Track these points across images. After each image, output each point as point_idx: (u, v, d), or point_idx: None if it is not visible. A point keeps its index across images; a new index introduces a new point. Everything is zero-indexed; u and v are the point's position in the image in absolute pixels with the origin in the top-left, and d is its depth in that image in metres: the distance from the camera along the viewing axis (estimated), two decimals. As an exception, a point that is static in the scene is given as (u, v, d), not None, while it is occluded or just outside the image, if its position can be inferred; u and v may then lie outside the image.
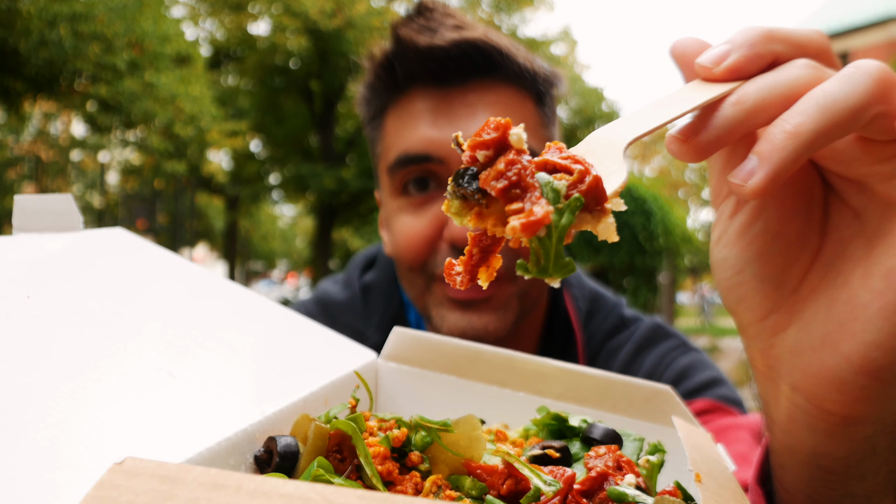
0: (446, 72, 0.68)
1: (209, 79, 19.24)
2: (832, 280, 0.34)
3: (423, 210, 0.71)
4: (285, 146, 23.91)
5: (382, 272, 0.90)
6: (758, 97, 0.30)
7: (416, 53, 0.67)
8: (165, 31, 13.42)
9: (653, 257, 11.47)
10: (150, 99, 13.02)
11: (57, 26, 11.39)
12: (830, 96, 0.27)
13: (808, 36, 0.33)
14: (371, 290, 0.89)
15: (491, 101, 0.69)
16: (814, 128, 0.27)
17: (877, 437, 0.34)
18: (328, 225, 22.64)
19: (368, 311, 0.86)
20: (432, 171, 0.70)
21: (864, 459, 0.35)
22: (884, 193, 0.31)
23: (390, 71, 0.71)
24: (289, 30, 18.87)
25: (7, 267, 0.31)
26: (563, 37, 25.08)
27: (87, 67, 11.83)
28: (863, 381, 0.32)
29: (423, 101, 0.69)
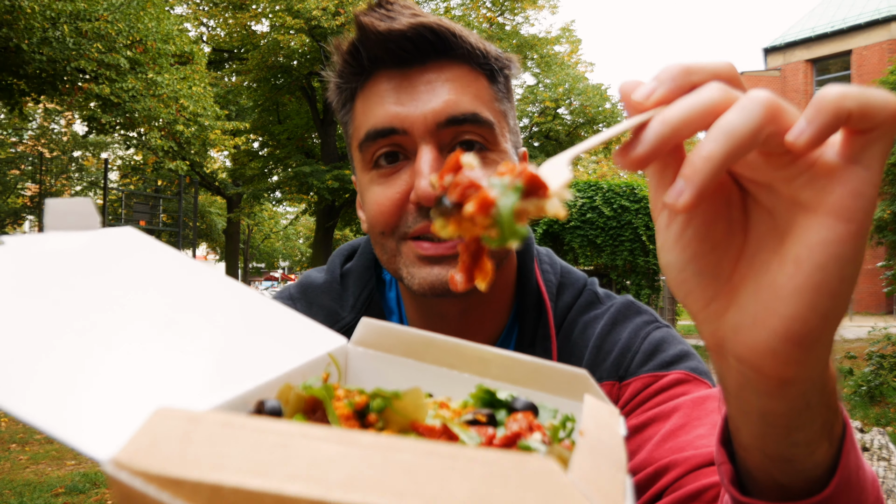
0: (406, 53, 0.75)
1: (211, 78, 19.27)
2: (756, 269, 0.42)
3: (391, 179, 0.78)
4: (287, 145, 23.93)
5: (361, 259, 0.97)
6: (678, 114, 0.38)
7: (378, 37, 0.74)
8: (167, 30, 13.43)
9: (655, 257, 11.45)
10: (151, 98, 13.03)
11: (59, 25, 11.40)
12: (732, 124, 0.36)
13: (718, 66, 0.41)
14: (349, 275, 0.96)
15: (448, 77, 0.76)
16: (723, 152, 0.36)
17: (809, 393, 0.43)
18: (330, 224, 22.66)
19: (345, 293, 0.94)
20: (398, 143, 0.76)
21: (801, 413, 0.44)
22: (787, 193, 0.40)
23: (357, 56, 0.78)
24: (291, 29, 18.89)
25: (46, 256, 0.40)
26: (565, 35, 25.04)
27: (89, 66, 11.84)
28: (789, 348, 0.40)
29: (387, 83, 0.77)
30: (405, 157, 0.78)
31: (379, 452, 0.28)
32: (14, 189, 28.56)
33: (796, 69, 29.65)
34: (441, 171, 0.42)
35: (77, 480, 4.85)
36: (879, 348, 7.99)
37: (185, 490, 0.27)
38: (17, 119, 18.75)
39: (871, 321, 13.34)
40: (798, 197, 0.39)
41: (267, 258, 49.27)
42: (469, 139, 0.78)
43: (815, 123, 0.35)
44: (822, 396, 0.44)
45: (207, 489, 0.27)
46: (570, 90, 22.01)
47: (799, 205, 0.39)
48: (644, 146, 0.39)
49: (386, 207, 0.78)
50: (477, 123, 0.78)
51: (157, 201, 20.74)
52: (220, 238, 35.30)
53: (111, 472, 0.28)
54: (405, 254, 0.78)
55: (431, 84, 0.76)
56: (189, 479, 0.27)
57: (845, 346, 12.96)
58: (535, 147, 23.45)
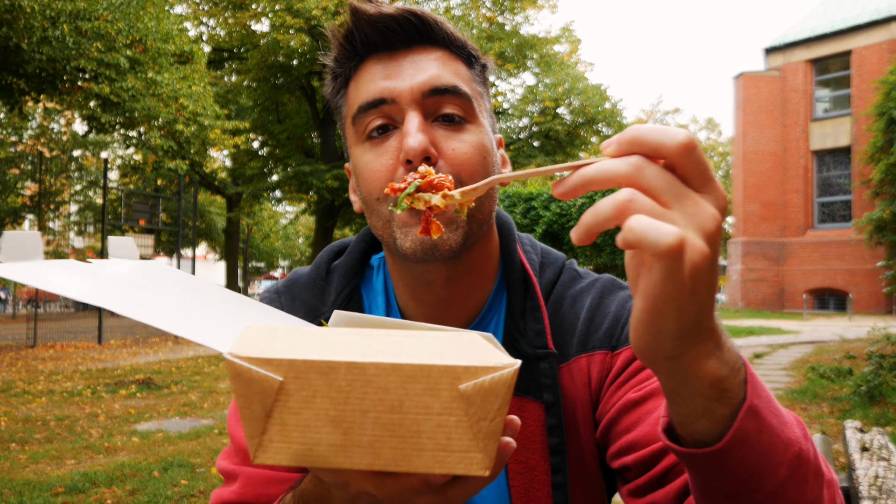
0: (394, 35, 0.84)
1: (211, 77, 19.26)
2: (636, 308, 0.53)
3: (383, 147, 0.84)
4: (286, 145, 23.91)
5: (350, 257, 1.02)
6: (590, 172, 0.50)
7: (369, 20, 0.83)
8: (167, 30, 13.42)
9: (654, 257, 11.46)
10: (151, 97, 13.02)
11: (59, 24, 11.39)
12: (598, 208, 0.49)
13: (661, 139, 0.49)
14: (335, 272, 1.02)
15: (431, 58, 0.85)
16: (591, 220, 0.49)
17: (672, 382, 0.54)
18: (329, 223, 22.66)
19: (328, 288, 0.99)
20: (388, 113, 0.83)
21: (672, 394, 0.55)
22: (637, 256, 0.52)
23: (351, 41, 0.86)
24: (290, 28, 18.88)
25: (119, 272, 0.61)
26: (565, 35, 25.03)
27: (89, 65, 11.83)
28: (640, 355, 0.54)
29: (377, 64, 0.85)
30: (394, 127, 0.85)
31: (379, 337, 0.47)
32: (14, 188, 28.55)
33: (796, 69, 29.65)
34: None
35: (77, 480, 4.85)
36: (879, 348, 7.99)
37: (271, 365, 0.44)
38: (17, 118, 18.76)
39: (870, 321, 13.34)
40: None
41: (267, 257, 49.25)
42: (450, 112, 0.84)
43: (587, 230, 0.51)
44: (689, 387, 0.53)
45: (286, 363, 0.44)
46: (569, 90, 22.00)
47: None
48: (566, 186, 0.52)
49: (380, 173, 0.83)
50: (457, 95, 0.84)
51: (157, 200, 20.72)
52: (219, 237, 35.29)
53: (228, 358, 0.45)
54: (398, 217, 0.83)
55: (416, 62, 0.84)
56: (272, 357, 0.45)
57: (845, 346, 12.96)
58: (535, 147, 23.44)
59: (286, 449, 0.46)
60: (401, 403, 0.45)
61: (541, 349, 0.89)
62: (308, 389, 0.44)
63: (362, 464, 0.46)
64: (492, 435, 0.46)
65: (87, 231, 36.37)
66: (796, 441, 0.58)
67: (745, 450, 0.55)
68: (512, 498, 0.87)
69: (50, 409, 7.69)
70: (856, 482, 2.99)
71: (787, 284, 29.44)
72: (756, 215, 30.17)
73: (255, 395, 0.44)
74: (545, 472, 0.86)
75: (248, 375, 0.44)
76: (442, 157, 0.82)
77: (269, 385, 0.44)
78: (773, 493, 0.57)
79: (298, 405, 0.44)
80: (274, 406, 0.44)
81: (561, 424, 0.87)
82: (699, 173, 0.49)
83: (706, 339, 0.52)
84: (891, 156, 14.83)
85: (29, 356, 12.76)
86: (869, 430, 3.96)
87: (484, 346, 0.46)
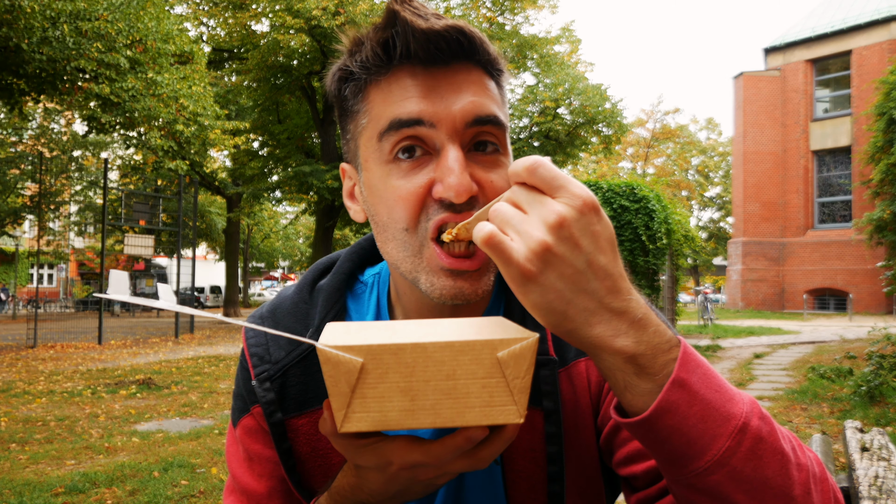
0: (438, 52, 0.79)
1: (211, 77, 19.26)
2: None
3: (413, 173, 0.80)
4: (287, 145, 23.90)
5: (335, 278, 0.99)
6: (493, 208, 0.62)
7: (414, 33, 0.77)
8: (167, 30, 13.42)
9: (655, 257, 11.46)
10: (151, 97, 13.02)
11: (59, 24, 11.39)
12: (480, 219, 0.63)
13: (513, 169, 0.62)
14: (319, 294, 0.98)
15: (471, 80, 0.81)
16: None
17: (590, 351, 0.61)
18: (329, 224, 22.66)
19: (312, 312, 0.96)
20: (422, 136, 0.79)
21: (596, 364, 0.63)
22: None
23: (387, 49, 0.80)
24: (291, 28, 18.88)
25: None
26: (565, 35, 25.03)
27: (89, 65, 11.83)
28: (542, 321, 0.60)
29: (411, 77, 0.80)
30: (425, 152, 0.80)
31: (431, 325, 0.61)
32: (14, 188, 28.55)
33: (796, 69, 29.66)
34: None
35: (77, 480, 4.85)
36: (879, 348, 7.99)
37: (353, 350, 0.55)
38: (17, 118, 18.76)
39: (871, 321, 13.34)
40: None
41: (267, 258, 49.24)
42: (486, 139, 0.81)
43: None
44: (607, 367, 0.61)
45: (365, 348, 0.55)
46: (569, 90, 22.00)
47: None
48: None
49: (410, 201, 0.79)
50: (496, 125, 0.81)
51: (157, 201, 20.72)
52: (219, 238, 35.28)
53: (320, 347, 0.56)
54: (427, 259, 0.80)
55: (456, 83, 0.80)
56: (354, 344, 0.56)
57: (845, 346, 12.97)
58: (535, 147, 23.44)
59: (366, 418, 0.57)
60: (454, 372, 0.57)
61: (541, 355, 0.87)
62: (382, 367, 0.55)
63: (426, 423, 0.57)
64: (524, 389, 0.58)
65: (87, 231, 36.38)
66: (740, 415, 0.62)
67: (675, 418, 0.60)
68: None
69: (50, 409, 7.70)
70: (856, 482, 2.99)
71: (787, 284, 29.44)
72: (756, 215, 30.18)
73: (342, 374, 0.55)
74: (542, 481, 0.86)
75: (336, 360, 0.55)
76: (482, 194, 0.79)
77: (353, 366, 0.55)
78: (718, 462, 0.60)
79: (375, 381, 0.55)
80: (357, 383, 0.55)
81: (560, 433, 0.85)
82: (548, 183, 0.60)
83: (602, 314, 0.60)
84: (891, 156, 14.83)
85: (29, 356, 12.76)
86: (869, 430, 3.96)
87: (509, 324, 0.61)
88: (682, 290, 22.02)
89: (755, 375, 10.14)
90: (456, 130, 0.78)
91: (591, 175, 39.19)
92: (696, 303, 25.01)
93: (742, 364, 11.52)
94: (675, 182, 45.82)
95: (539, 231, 0.58)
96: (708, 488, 0.62)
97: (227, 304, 28.92)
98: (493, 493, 0.88)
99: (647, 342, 0.61)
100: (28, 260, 38.50)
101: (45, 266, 40.14)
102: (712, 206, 49.59)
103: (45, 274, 41.89)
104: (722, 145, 48.24)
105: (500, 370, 0.57)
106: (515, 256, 0.57)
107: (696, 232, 16.50)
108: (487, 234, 0.58)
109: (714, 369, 0.65)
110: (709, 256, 47.91)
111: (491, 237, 0.58)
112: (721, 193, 48.60)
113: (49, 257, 33.58)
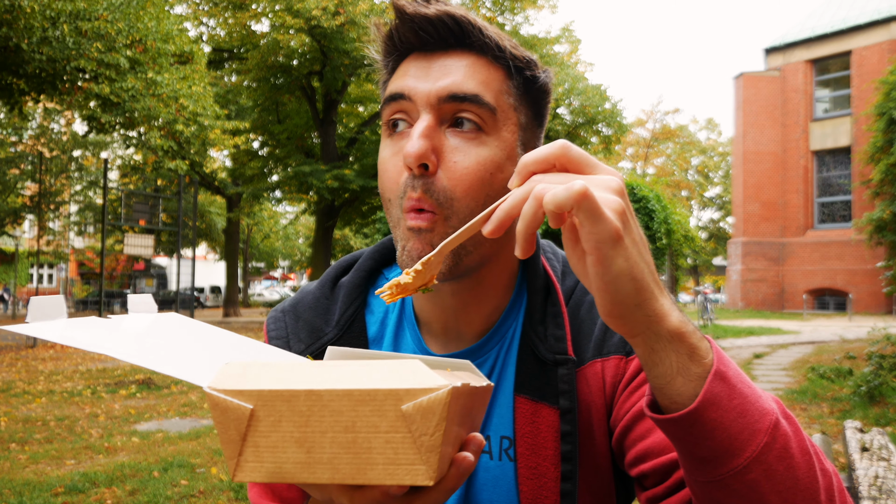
0: (430, 37, 0.83)
1: (211, 77, 19.26)
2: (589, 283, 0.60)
3: (395, 144, 0.84)
4: (286, 145, 23.89)
5: (356, 275, 1.02)
6: (507, 205, 0.60)
7: (407, 19, 0.82)
8: (167, 30, 13.42)
9: (655, 257, 11.41)
10: (151, 97, 13.02)
11: (59, 24, 11.39)
12: (510, 200, 0.59)
13: (542, 154, 0.60)
14: (340, 290, 1.01)
15: (462, 63, 0.83)
16: (503, 214, 0.60)
17: (649, 344, 0.60)
18: (329, 224, 22.64)
19: (332, 308, 0.99)
20: (404, 108, 0.84)
21: (649, 356, 0.61)
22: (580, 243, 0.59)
23: (391, 38, 0.87)
24: (290, 28, 18.88)
25: (138, 325, 0.71)
26: (565, 35, 25.03)
27: (89, 65, 11.83)
28: (609, 319, 0.60)
29: (413, 62, 0.85)
30: (409, 124, 0.85)
31: (336, 367, 0.53)
32: (14, 188, 28.54)
33: (796, 69, 29.66)
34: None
35: (76, 480, 4.85)
36: (879, 348, 7.99)
37: (243, 396, 0.51)
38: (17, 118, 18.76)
39: (871, 321, 13.34)
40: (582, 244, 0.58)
41: (267, 258, 49.23)
42: (465, 117, 0.83)
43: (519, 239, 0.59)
44: (664, 347, 0.60)
45: (255, 393, 0.51)
46: (569, 90, 21.99)
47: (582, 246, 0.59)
48: (492, 226, 0.61)
49: (390, 173, 0.84)
50: (476, 104, 0.82)
51: (157, 201, 20.73)
52: (219, 237, 35.27)
53: (207, 391, 0.52)
54: (402, 228, 0.83)
55: (445, 66, 0.84)
56: (244, 389, 0.51)
57: (845, 346, 12.97)
58: (534, 147, 23.44)
59: (259, 468, 0.53)
60: (353, 424, 0.51)
61: (560, 354, 0.88)
62: (275, 415, 0.51)
63: (324, 478, 0.53)
64: (433, 448, 0.52)
65: (86, 231, 36.37)
66: (772, 412, 0.61)
67: (718, 412, 0.59)
68: (528, 500, 0.86)
69: (50, 409, 7.70)
70: (856, 482, 2.99)
71: (787, 284, 29.44)
72: (756, 215, 30.18)
73: (231, 421, 0.52)
74: (555, 479, 0.86)
75: (224, 405, 0.51)
76: (441, 168, 0.80)
77: (242, 413, 0.51)
78: (756, 459, 0.59)
79: (267, 429, 0.51)
80: (247, 431, 0.52)
81: (575, 431, 0.86)
82: (582, 163, 0.59)
83: (660, 290, 0.60)
84: (891, 156, 14.83)
85: (29, 356, 12.76)
86: (869, 430, 3.97)
87: (425, 371, 0.52)
88: (681, 290, 22.03)
89: (755, 375, 10.15)
90: (429, 103, 0.81)
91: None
92: (695, 303, 25.00)
93: (742, 364, 11.53)
94: (674, 182, 45.80)
95: (610, 193, 0.56)
96: (744, 487, 0.61)
97: (226, 304, 28.92)
98: (506, 489, 0.88)
99: (688, 322, 0.61)
100: (28, 260, 38.51)
101: (45, 266, 40.14)
102: (712, 206, 49.59)
103: (45, 274, 41.90)
104: (722, 145, 48.24)
105: (406, 425, 0.51)
106: (607, 213, 0.54)
107: (696, 232, 16.50)
108: (581, 187, 0.52)
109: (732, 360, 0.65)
110: (709, 256, 47.91)
111: (585, 189, 0.52)
112: (721, 193, 48.58)
113: (49, 257, 33.59)
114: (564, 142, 0.59)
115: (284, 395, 0.51)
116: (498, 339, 0.93)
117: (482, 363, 0.92)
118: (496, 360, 0.93)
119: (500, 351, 0.93)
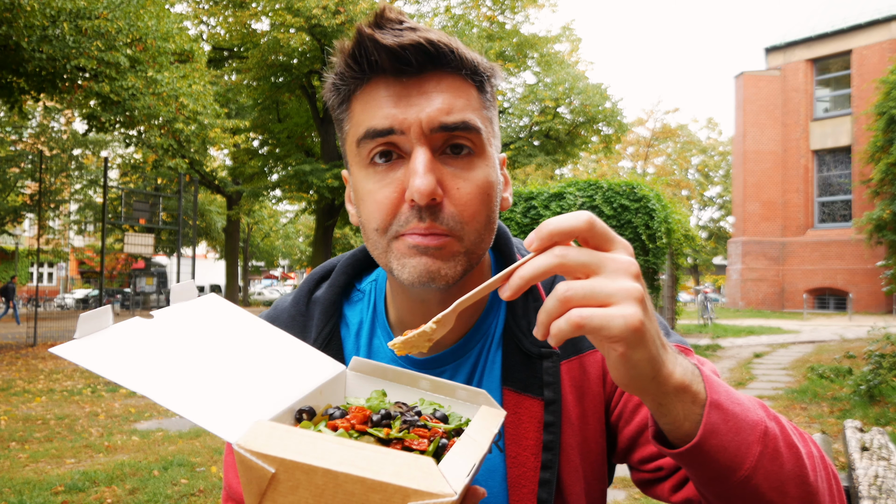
0: (406, 64, 0.82)
1: (211, 76, 19.23)
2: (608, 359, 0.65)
3: (387, 177, 0.84)
4: (287, 144, 23.88)
5: (330, 290, 1.03)
6: (527, 272, 0.62)
7: (380, 49, 0.81)
8: (167, 28, 13.41)
9: (655, 256, 11.45)
10: (151, 96, 13.01)
11: (59, 23, 11.38)
12: (547, 306, 0.61)
13: (571, 225, 0.61)
14: (315, 307, 1.03)
15: (442, 88, 0.83)
16: (544, 317, 0.61)
17: (662, 389, 0.64)
18: (329, 223, 22.64)
19: (309, 325, 1.01)
20: (395, 142, 0.83)
21: (657, 409, 0.66)
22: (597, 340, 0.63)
23: (358, 62, 0.84)
24: (291, 27, 18.86)
25: (181, 315, 0.75)
26: (566, 34, 25.01)
27: (89, 64, 11.82)
28: (627, 388, 0.64)
29: (385, 89, 0.83)
30: (399, 155, 0.84)
31: (356, 449, 0.56)
32: (14, 187, 28.54)
33: (797, 69, 29.64)
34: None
35: (77, 479, 4.85)
36: (879, 348, 7.99)
37: (267, 459, 0.55)
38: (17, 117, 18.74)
39: (870, 321, 13.34)
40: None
41: (267, 257, 49.24)
42: (459, 143, 0.84)
43: (552, 336, 0.61)
44: (671, 401, 0.65)
45: (278, 460, 0.55)
46: (570, 89, 21.97)
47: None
48: (509, 291, 0.63)
49: (384, 206, 0.83)
50: (466, 129, 0.83)
51: (157, 199, 20.72)
52: (219, 236, 35.27)
53: (236, 449, 0.56)
54: (396, 249, 0.84)
55: (426, 91, 0.83)
56: (268, 453, 0.55)
57: (845, 345, 12.96)
58: (535, 146, 23.42)
59: None
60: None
61: (545, 348, 0.91)
62: (293, 481, 0.56)
63: None
64: None
65: (86, 230, 36.37)
66: (760, 421, 0.68)
67: (717, 437, 0.65)
68: (509, 488, 0.90)
69: (50, 408, 7.70)
70: (856, 482, 2.99)
71: (787, 284, 29.44)
72: (756, 215, 30.17)
73: (254, 478, 0.57)
74: (534, 468, 0.89)
75: (249, 463, 0.56)
76: (446, 196, 0.81)
77: (264, 474, 0.56)
78: (755, 467, 0.66)
79: (286, 491, 0.56)
80: (267, 489, 0.57)
81: (558, 422, 0.89)
82: (605, 238, 0.62)
83: (665, 350, 0.64)
84: (891, 155, 14.83)
85: (29, 355, 12.76)
86: (869, 429, 3.96)
87: (436, 474, 0.56)
88: (681, 290, 22.01)
89: (755, 375, 10.15)
90: (423, 135, 0.81)
91: (591, 174, 39.13)
92: (695, 302, 25.00)
93: (742, 363, 11.52)
94: (675, 181, 45.78)
95: (629, 283, 0.60)
96: (747, 493, 0.68)
97: (226, 303, 28.90)
98: (499, 479, 0.91)
99: (688, 370, 0.66)
100: (28, 258, 38.51)
101: (45, 265, 40.14)
102: (712, 205, 49.57)
103: (45, 272, 41.89)
104: (722, 144, 48.21)
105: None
106: (623, 320, 0.58)
107: (696, 231, 16.49)
108: (638, 322, 0.58)
109: (719, 379, 0.71)
110: (709, 256, 47.89)
111: (581, 318, 0.58)
112: (721, 193, 48.57)
113: (49, 256, 33.58)
114: (590, 215, 0.62)
115: (304, 468, 0.55)
116: (479, 337, 0.96)
117: (463, 362, 0.95)
118: (479, 357, 0.95)
119: (483, 348, 0.96)
